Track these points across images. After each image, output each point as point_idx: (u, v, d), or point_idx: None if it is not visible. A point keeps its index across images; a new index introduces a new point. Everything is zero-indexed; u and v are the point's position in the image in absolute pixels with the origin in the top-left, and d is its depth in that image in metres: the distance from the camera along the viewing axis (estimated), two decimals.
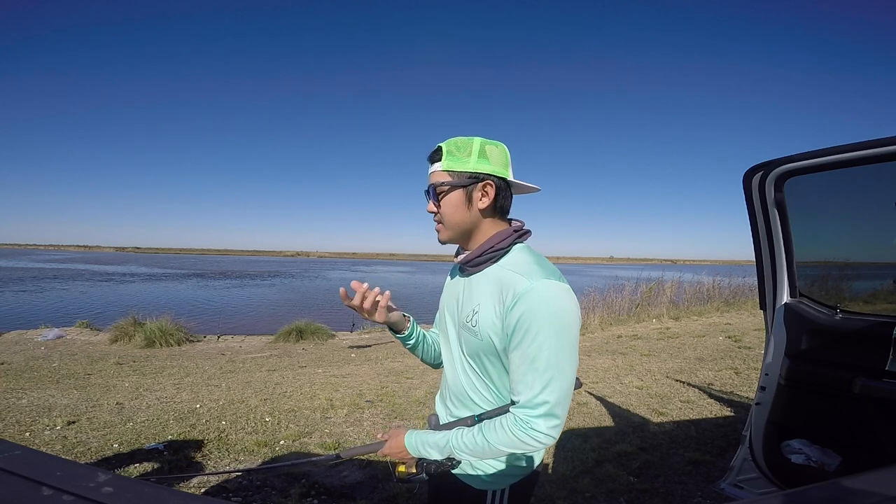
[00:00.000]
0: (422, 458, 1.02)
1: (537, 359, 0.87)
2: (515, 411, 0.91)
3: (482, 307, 0.96)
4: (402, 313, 1.19)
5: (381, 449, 1.07)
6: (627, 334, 7.93)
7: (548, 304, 0.87)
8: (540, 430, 0.89)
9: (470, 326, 0.99)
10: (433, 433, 1.02)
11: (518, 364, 0.90)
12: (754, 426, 2.09)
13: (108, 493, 0.46)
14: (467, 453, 0.95)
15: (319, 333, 8.63)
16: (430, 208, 1.02)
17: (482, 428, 0.95)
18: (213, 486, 2.59)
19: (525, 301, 0.87)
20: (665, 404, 4.01)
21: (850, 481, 0.52)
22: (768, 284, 2.08)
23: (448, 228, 1.01)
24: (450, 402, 1.11)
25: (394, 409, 4.01)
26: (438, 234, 1.03)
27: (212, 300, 18.16)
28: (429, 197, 1.02)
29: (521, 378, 0.90)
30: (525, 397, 0.90)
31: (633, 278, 11.47)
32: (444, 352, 1.17)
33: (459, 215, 0.99)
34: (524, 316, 0.87)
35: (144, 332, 7.71)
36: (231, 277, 32.69)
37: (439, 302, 1.21)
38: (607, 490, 2.57)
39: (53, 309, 14.12)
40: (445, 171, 0.98)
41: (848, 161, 1.67)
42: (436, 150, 1.00)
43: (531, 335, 0.87)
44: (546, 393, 0.88)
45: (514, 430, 0.90)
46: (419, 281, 34.02)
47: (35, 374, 5.44)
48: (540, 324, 0.86)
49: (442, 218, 1.00)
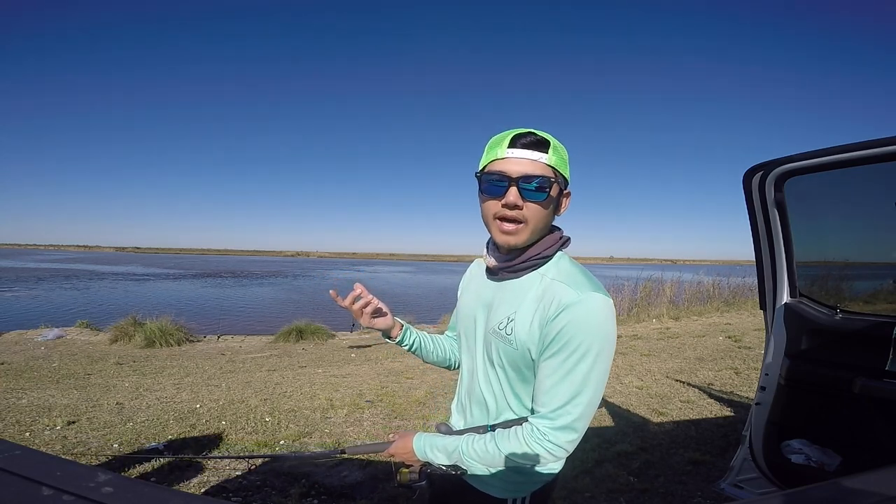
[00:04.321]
0: (426, 465, 0.98)
1: (573, 372, 0.83)
2: (534, 421, 0.87)
3: (519, 315, 0.90)
4: (393, 319, 1.16)
5: (388, 449, 1.03)
6: (627, 334, 7.92)
7: (594, 318, 0.83)
8: (556, 443, 0.85)
9: (504, 334, 0.92)
10: (443, 437, 0.99)
11: (549, 374, 0.86)
12: (754, 426, 2.09)
13: (108, 493, 0.46)
14: (476, 461, 0.91)
15: (319, 333, 8.63)
16: (517, 201, 0.85)
17: (495, 436, 0.91)
18: (213, 486, 2.59)
19: (571, 312, 0.82)
20: (665, 404, 4.01)
21: (850, 481, 0.52)
22: (768, 284, 2.08)
23: (531, 231, 0.89)
24: (468, 411, 1.06)
25: (394, 409, 4.01)
26: (511, 235, 0.88)
27: (212, 300, 18.15)
28: (504, 187, 0.86)
29: (549, 389, 0.85)
30: (548, 408, 0.85)
31: (633, 278, 11.47)
32: (464, 358, 1.10)
33: (548, 218, 0.91)
34: (568, 327, 0.82)
35: (144, 332, 7.71)
36: (231, 277, 32.69)
37: (458, 304, 1.14)
38: (607, 490, 2.57)
39: (53, 309, 14.11)
40: (553, 167, 0.87)
41: (848, 161, 1.67)
42: (539, 139, 0.87)
43: (571, 348, 0.83)
44: (571, 406, 0.84)
45: (530, 440, 0.86)
46: (420, 281, 34.03)
47: (35, 374, 5.44)
48: (582, 338, 0.82)
49: (530, 217, 0.87)
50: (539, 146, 0.86)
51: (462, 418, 1.08)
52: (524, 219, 0.87)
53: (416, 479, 0.99)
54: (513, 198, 0.85)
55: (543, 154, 0.86)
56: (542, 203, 0.87)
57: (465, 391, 1.07)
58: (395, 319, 1.18)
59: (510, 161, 0.86)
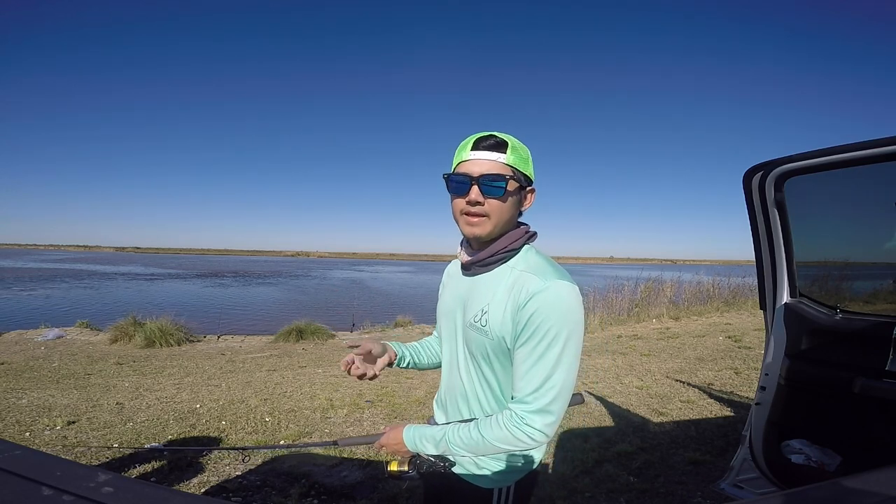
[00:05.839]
0: (416, 456, 1.02)
1: (544, 357, 0.89)
2: (512, 406, 0.92)
3: (492, 306, 0.96)
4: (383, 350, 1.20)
5: (379, 440, 1.06)
6: (627, 334, 7.93)
7: (560, 303, 0.88)
8: (535, 427, 0.89)
9: (479, 326, 0.98)
10: (431, 427, 1.02)
11: (522, 360, 0.91)
12: (754, 426, 2.09)
13: (108, 493, 0.46)
14: (462, 448, 0.95)
15: (319, 333, 8.62)
16: (477, 198, 0.94)
17: (478, 423, 0.95)
18: (213, 486, 2.59)
19: (538, 299, 0.88)
20: (665, 404, 4.01)
21: (850, 481, 0.52)
22: (768, 284, 2.08)
23: (493, 224, 0.97)
24: (449, 405, 1.10)
25: (394, 409, 4.01)
26: (476, 227, 0.97)
27: (211, 300, 18.15)
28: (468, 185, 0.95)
29: (524, 374, 0.91)
30: (523, 393, 0.91)
31: (633, 278, 11.47)
32: (445, 354, 1.15)
33: (510, 213, 0.98)
34: (536, 313, 0.88)
35: (144, 332, 7.71)
36: (231, 277, 32.69)
37: (438, 304, 1.19)
38: (607, 490, 2.57)
39: (53, 309, 14.11)
40: (511, 165, 0.95)
41: (848, 161, 1.67)
42: (498, 141, 0.96)
43: (541, 332, 0.88)
44: (544, 389, 0.89)
45: (509, 425, 0.90)
46: (422, 281, 34.04)
47: (35, 374, 5.44)
48: (551, 323, 0.88)
49: (491, 211, 0.95)
50: (498, 147, 0.95)
51: (443, 413, 1.13)
52: (486, 213, 0.96)
53: (406, 471, 1.01)
54: (474, 195, 0.94)
55: (502, 154, 0.95)
56: (500, 198, 0.95)
57: (446, 387, 1.13)
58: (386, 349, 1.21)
59: (473, 162, 0.96)
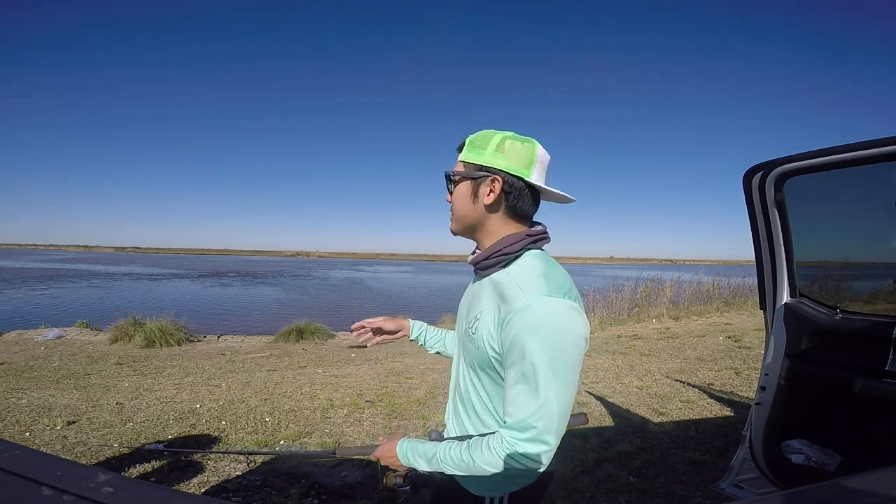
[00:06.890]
0: (412, 470, 0.98)
1: (530, 381, 0.82)
2: (503, 432, 0.87)
3: (483, 315, 0.93)
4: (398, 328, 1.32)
5: (374, 452, 1.04)
6: (627, 334, 7.92)
7: (542, 325, 0.81)
8: (527, 455, 0.84)
9: (470, 333, 0.95)
10: (424, 443, 0.98)
11: (511, 384, 0.86)
12: (754, 426, 2.09)
13: (108, 493, 0.46)
14: (453, 468, 0.91)
15: (319, 333, 8.63)
16: (447, 198, 1.03)
17: (470, 445, 0.90)
18: (213, 486, 2.59)
19: (519, 319, 0.83)
20: (665, 404, 4.00)
21: (850, 481, 0.52)
22: (768, 284, 2.08)
23: (454, 220, 1.02)
24: (450, 403, 1.10)
25: (394, 409, 4.01)
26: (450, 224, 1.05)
27: (211, 300, 18.15)
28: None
29: (514, 398, 0.85)
30: (514, 419, 0.85)
31: (632, 278, 11.46)
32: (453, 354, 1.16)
33: (465, 208, 0.98)
34: (518, 335, 0.82)
35: (144, 332, 7.71)
36: (231, 277, 32.70)
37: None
38: (607, 490, 2.57)
39: (53, 309, 14.11)
40: (462, 161, 0.99)
41: (848, 161, 1.67)
42: (462, 142, 1.02)
43: (524, 357, 0.82)
44: (535, 418, 0.82)
45: (500, 451, 0.85)
46: (423, 281, 34.01)
47: (35, 374, 5.44)
48: (533, 346, 0.81)
49: (452, 207, 1.01)
50: (460, 148, 1.01)
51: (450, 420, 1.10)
52: (451, 210, 1.02)
53: (401, 484, 0.98)
54: (446, 195, 1.03)
55: (460, 153, 1.01)
56: (455, 194, 1.00)
57: (452, 385, 1.12)
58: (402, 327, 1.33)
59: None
